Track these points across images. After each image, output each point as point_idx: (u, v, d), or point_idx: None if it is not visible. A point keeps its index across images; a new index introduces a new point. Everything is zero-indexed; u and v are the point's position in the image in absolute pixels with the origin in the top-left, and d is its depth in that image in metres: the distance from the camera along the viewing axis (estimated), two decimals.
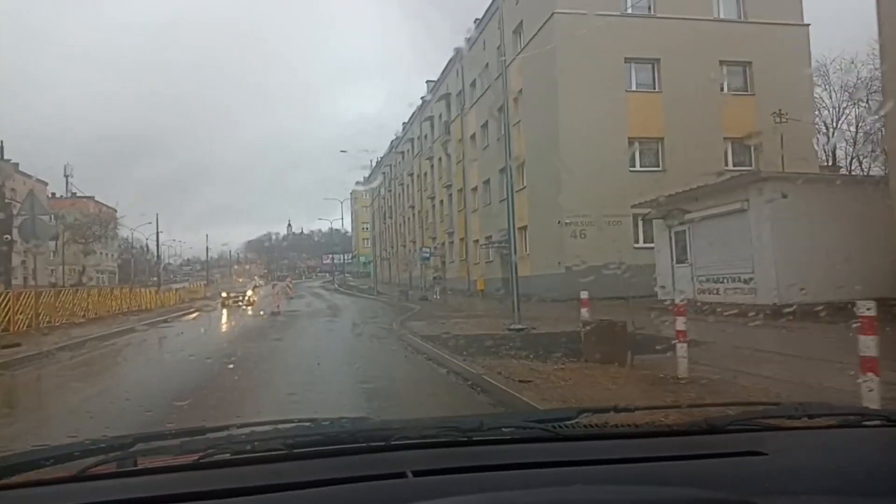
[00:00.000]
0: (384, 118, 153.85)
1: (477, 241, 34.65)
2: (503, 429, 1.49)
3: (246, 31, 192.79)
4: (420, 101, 50.53)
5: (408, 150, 56.22)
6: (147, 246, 76.17)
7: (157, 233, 59.71)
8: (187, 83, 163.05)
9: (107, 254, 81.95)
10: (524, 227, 27.39)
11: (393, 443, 1.33)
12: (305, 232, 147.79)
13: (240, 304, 29.56)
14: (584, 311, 8.80)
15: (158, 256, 67.46)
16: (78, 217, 69.23)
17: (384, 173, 65.90)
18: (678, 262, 15.85)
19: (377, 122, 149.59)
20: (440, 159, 43.66)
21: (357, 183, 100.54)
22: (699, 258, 14.91)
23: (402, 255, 53.89)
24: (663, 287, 16.22)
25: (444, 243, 41.69)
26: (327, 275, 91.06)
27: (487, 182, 32.73)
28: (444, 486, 1.11)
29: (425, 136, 48.63)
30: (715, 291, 14.26)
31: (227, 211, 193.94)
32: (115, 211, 73.78)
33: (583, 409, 1.59)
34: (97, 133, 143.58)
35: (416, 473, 1.18)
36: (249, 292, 31.80)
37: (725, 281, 13.94)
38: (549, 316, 14.58)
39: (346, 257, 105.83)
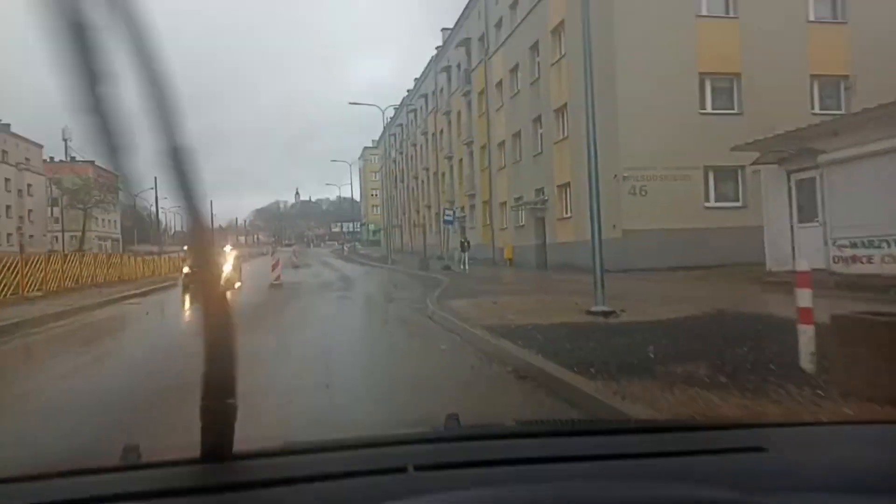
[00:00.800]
0: (396, 85, 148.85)
1: (504, 203, 30.74)
2: (505, 424, 1.52)
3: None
4: (435, 52, 46.09)
5: (421, 107, 51.88)
6: (151, 213, 73.10)
7: (157, 198, 56.43)
8: (195, 51, 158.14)
9: (110, 220, 79.07)
10: (565, 185, 23.48)
11: (394, 437, 1.33)
12: (314, 200, 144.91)
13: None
14: (805, 292, 4.77)
15: (158, 222, 64.29)
16: (76, 181, 65.93)
17: (394, 135, 61.72)
18: (802, 220, 11.96)
19: (388, 88, 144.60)
20: (459, 113, 39.45)
21: (366, 148, 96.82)
22: (837, 215, 11.02)
23: (418, 221, 50.10)
24: (776, 255, 12.36)
25: (463, 207, 37.82)
26: (336, 243, 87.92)
27: (517, 135, 28.66)
28: (445, 481, 1.08)
29: (441, 90, 44.24)
30: (865, 259, 10.43)
31: (235, 179, 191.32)
32: (117, 176, 70.64)
33: None
34: None
35: (418, 468, 1.13)
36: (228, 267, 17.92)
37: (885, 246, 10.08)
38: (618, 292, 10.26)
39: (354, 225, 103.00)
